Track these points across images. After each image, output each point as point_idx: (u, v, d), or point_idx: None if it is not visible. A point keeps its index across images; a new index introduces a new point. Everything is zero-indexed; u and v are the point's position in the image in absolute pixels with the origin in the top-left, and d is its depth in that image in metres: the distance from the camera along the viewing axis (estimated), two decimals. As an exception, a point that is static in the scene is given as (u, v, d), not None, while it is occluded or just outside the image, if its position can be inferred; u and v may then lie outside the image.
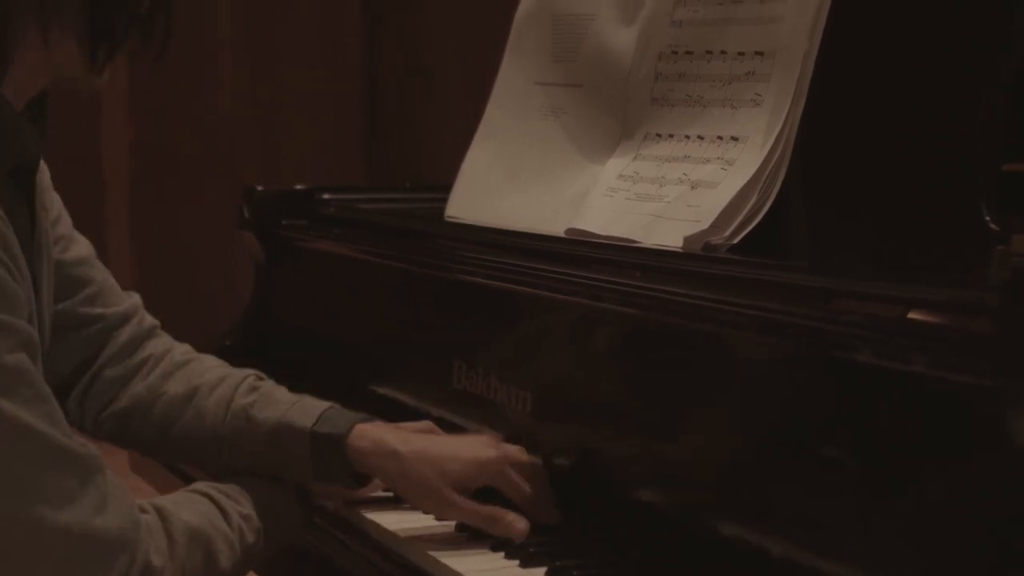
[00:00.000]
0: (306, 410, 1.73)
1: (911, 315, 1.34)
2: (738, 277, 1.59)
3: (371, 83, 4.59)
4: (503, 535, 1.66)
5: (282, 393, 1.78)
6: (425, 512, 1.75)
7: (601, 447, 1.72)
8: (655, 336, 1.64)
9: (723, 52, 1.86)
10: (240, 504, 1.62)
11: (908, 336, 1.33)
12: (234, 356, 2.46)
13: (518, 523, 1.66)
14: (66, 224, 1.80)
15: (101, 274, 1.83)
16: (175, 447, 1.81)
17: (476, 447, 1.74)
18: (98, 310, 1.81)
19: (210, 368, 1.84)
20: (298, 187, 2.54)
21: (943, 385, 1.28)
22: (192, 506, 1.58)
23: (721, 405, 1.55)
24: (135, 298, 1.88)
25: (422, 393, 2.06)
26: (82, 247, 1.82)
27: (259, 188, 2.54)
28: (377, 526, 1.76)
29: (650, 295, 1.64)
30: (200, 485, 1.62)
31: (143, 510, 1.51)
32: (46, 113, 1.58)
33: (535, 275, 1.83)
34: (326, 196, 2.51)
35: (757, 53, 1.81)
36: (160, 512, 1.53)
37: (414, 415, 2.04)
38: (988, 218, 1.53)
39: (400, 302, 2.20)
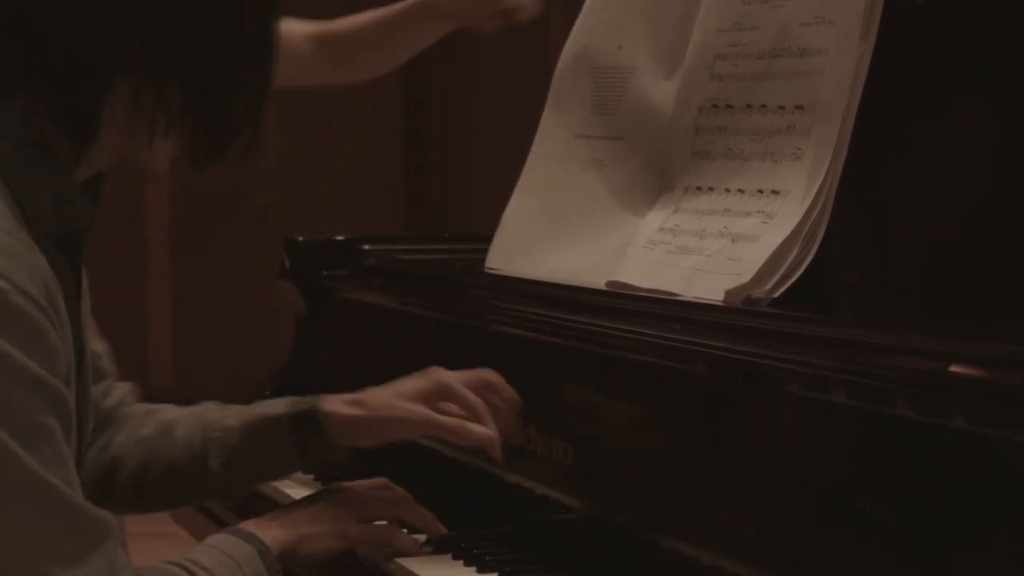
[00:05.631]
0: (274, 403, 1.88)
1: (952, 369, 1.34)
2: (779, 331, 1.59)
3: (412, 133, 4.60)
4: (470, 442, 1.79)
5: (240, 405, 1.91)
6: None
7: (641, 499, 1.72)
8: (696, 389, 1.64)
9: (763, 106, 1.86)
10: None
11: (949, 391, 1.33)
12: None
13: (478, 430, 1.78)
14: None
15: (112, 367, 1.95)
16: (162, 481, 1.89)
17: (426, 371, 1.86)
18: (108, 402, 1.93)
19: (176, 408, 1.95)
20: (338, 237, 2.55)
21: (985, 441, 1.28)
22: None
23: (761, 459, 1.55)
24: (127, 387, 1.99)
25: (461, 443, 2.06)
26: (100, 342, 1.92)
27: (300, 238, 2.55)
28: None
29: (691, 348, 1.65)
30: (175, 558, 1.63)
31: None
32: (102, 183, 1.60)
33: (575, 327, 1.83)
34: (366, 246, 2.52)
35: (797, 107, 1.82)
36: None
37: (453, 465, 2.05)
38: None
39: (440, 353, 2.20)
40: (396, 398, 1.83)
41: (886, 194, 1.74)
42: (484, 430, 1.78)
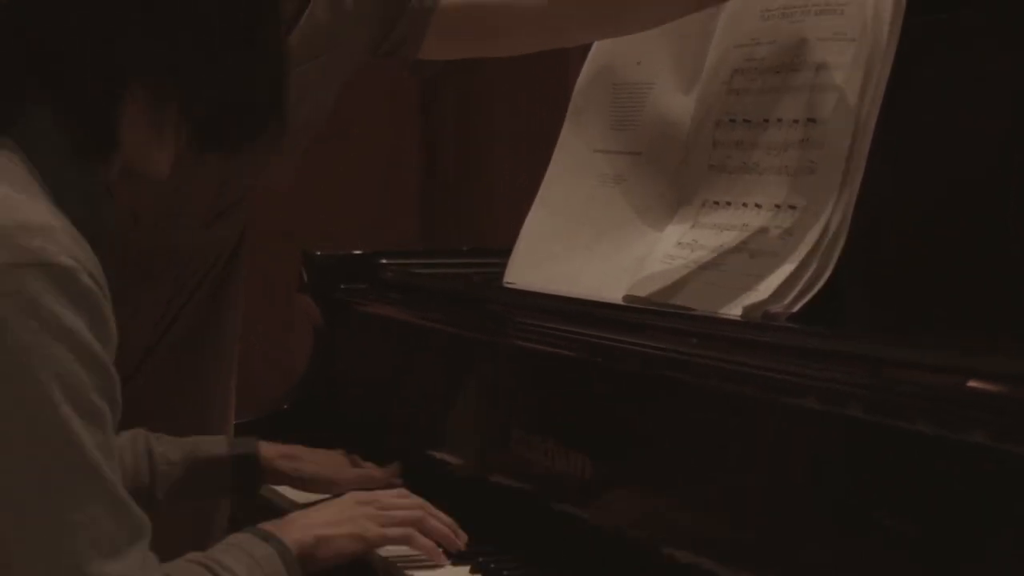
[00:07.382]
0: (215, 442, 2.02)
1: (971, 384, 1.34)
2: (797, 346, 1.59)
3: (429, 145, 4.61)
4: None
5: (178, 439, 2.02)
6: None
7: (659, 513, 1.72)
8: (712, 403, 1.64)
9: (779, 120, 1.87)
10: None
11: (968, 406, 1.32)
12: (291, 419, 2.48)
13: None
14: None
15: None
16: None
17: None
18: None
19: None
20: (356, 252, 2.56)
21: (1003, 456, 1.28)
22: None
23: (778, 473, 1.55)
24: None
25: (479, 458, 2.07)
26: None
27: (318, 252, 2.56)
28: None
29: (709, 363, 1.65)
30: (197, 555, 1.63)
31: None
32: (112, 187, 1.59)
33: (593, 342, 1.83)
34: (384, 260, 2.53)
35: (810, 119, 1.82)
36: None
37: (471, 480, 2.05)
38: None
39: (458, 367, 2.20)
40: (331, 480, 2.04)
41: (905, 208, 1.74)
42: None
